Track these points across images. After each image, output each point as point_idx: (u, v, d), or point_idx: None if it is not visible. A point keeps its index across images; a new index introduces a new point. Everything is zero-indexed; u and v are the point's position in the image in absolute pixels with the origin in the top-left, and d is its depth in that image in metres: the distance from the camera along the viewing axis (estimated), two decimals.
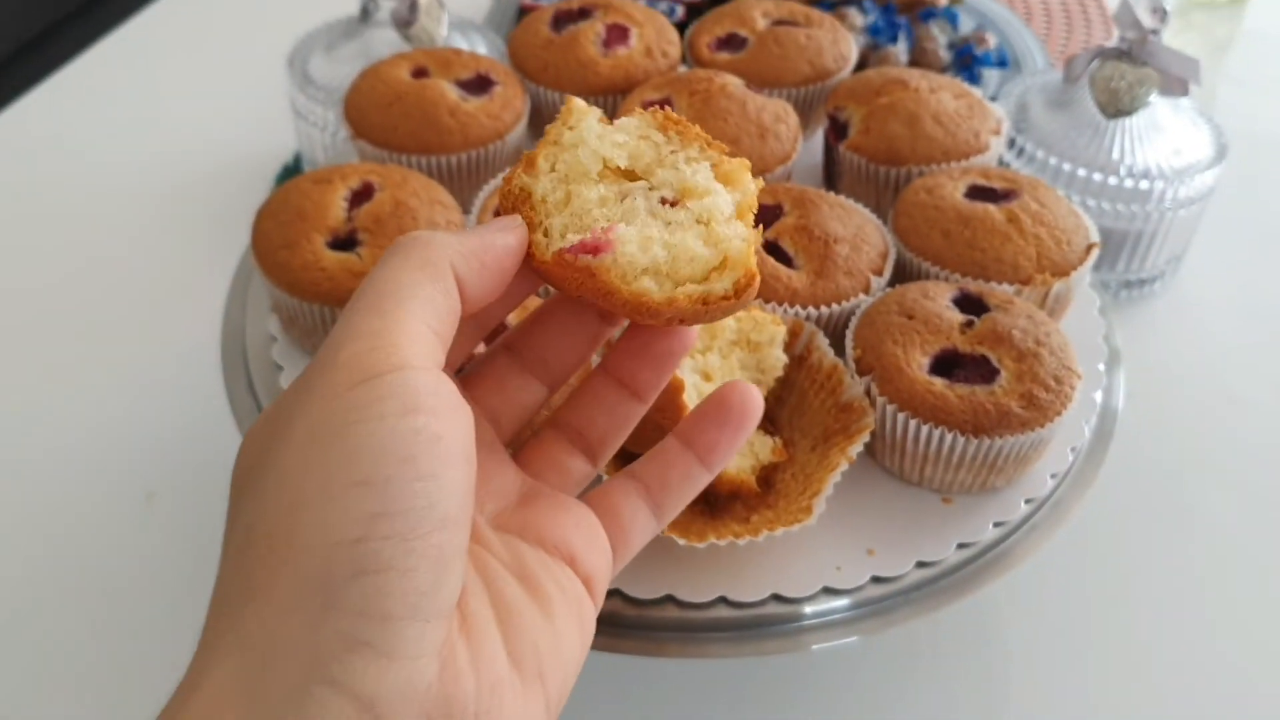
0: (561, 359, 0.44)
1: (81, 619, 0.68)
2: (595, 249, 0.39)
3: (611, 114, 0.83)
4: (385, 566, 0.31)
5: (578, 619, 0.38)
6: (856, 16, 1.06)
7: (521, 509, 0.41)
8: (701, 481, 0.43)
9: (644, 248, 0.40)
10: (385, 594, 0.31)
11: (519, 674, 0.35)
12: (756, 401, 0.43)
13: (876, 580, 0.59)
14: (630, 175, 0.42)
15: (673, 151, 0.42)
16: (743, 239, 0.40)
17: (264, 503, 0.33)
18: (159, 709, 0.32)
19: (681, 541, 0.57)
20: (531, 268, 0.41)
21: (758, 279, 0.40)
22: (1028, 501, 0.63)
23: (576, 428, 0.44)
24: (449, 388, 0.34)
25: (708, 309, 0.40)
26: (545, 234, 0.41)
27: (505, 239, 0.39)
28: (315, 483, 0.32)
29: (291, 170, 1.02)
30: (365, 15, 0.97)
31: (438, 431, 0.32)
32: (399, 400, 0.32)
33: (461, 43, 0.95)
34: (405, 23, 0.92)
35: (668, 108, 0.44)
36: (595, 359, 0.54)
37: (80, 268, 0.94)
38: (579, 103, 0.42)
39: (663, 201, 0.41)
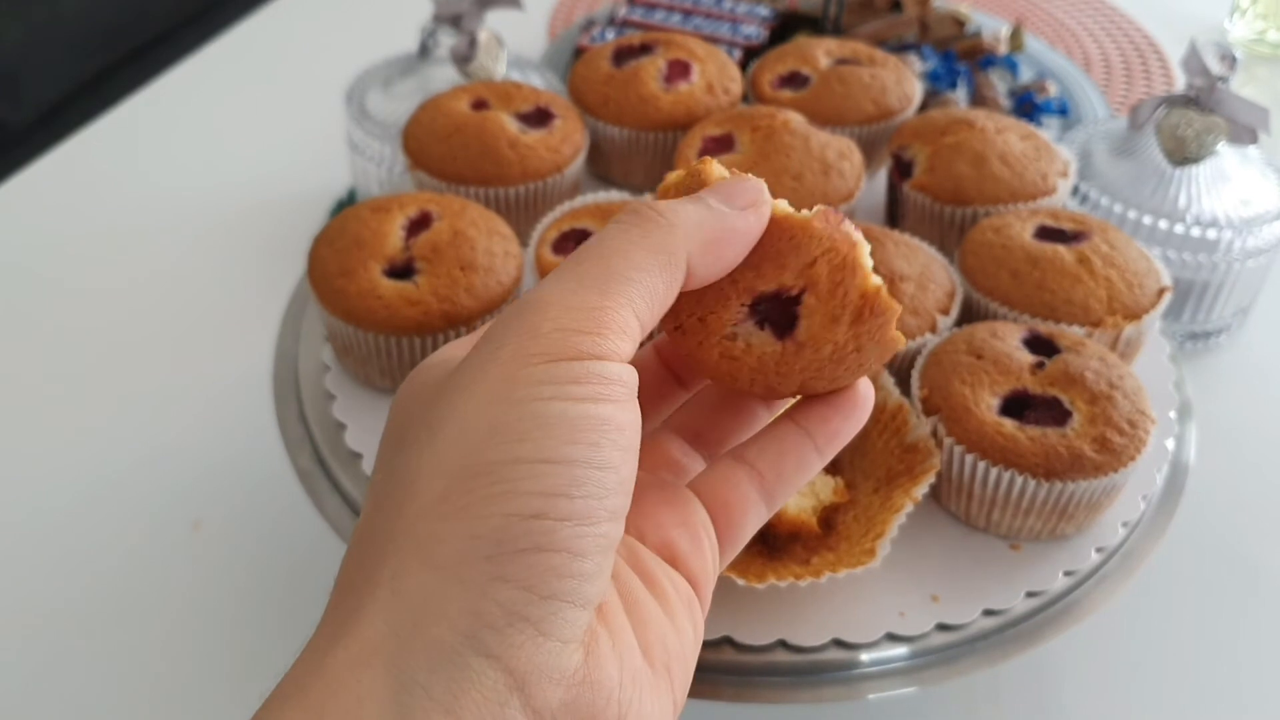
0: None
1: (127, 645, 0.66)
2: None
3: (671, 148, 0.83)
4: (559, 547, 0.30)
5: (690, 620, 0.37)
6: (916, 63, 1.05)
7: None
8: (815, 469, 0.41)
9: None
10: (555, 574, 0.30)
11: (651, 668, 0.34)
12: (871, 393, 0.41)
13: (942, 628, 0.57)
14: None
15: None
16: None
17: (436, 459, 0.32)
18: None
19: (740, 582, 0.55)
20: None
21: None
22: (1099, 550, 0.60)
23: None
24: (634, 380, 0.34)
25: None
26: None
27: (747, 222, 0.37)
28: (498, 451, 0.31)
29: (346, 204, 1.02)
30: (424, 52, 0.97)
31: (621, 423, 0.32)
32: (594, 387, 0.32)
33: (519, 80, 0.95)
34: (464, 59, 0.92)
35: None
36: None
37: (135, 297, 0.94)
38: None
39: None
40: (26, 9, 1.56)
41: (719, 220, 0.36)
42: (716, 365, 0.39)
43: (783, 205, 0.38)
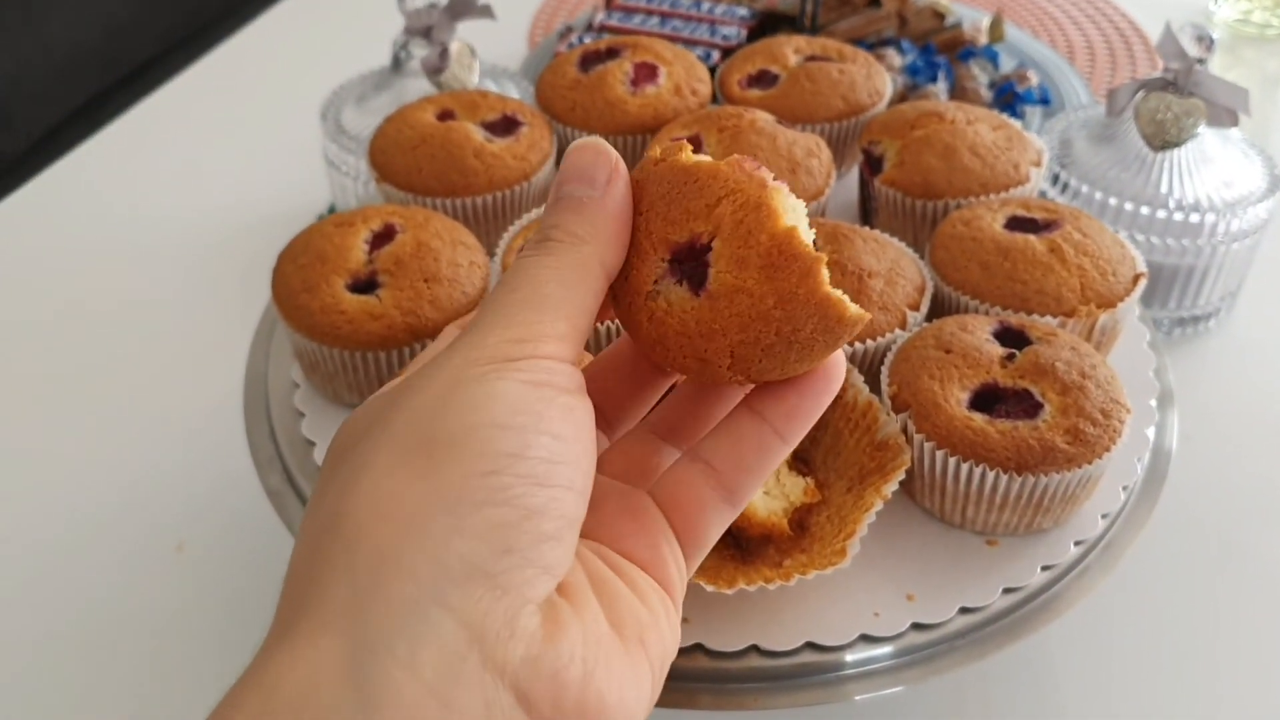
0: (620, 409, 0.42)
1: (115, 667, 0.66)
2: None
3: (639, 153, 0.82)
4: (515, 502, 0.31)
5: (662, 605, 0.36)
6: (895, 57, 1.04)
7: (589, 516, 0.37)
8: (780, 456, 0.38)
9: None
10: (512, 527, 0.31)
11: (621, 637, 0.34)
12: (842, 366, 0.38)
13: (917, 627, 0.56)
14: None
15: None
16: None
17: (391, 439, 0.33)
18: None
19: (709, 588, 0.54)
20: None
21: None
22: (1078, 543, 0.59)
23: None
24: (577, 378, 0.35)
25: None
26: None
27: (616, 201, 0.37)
28: (452, 421, 0.32)
29: None
30: (397, 65, 0.97)
31: (569, 403, 0.33)
32: (536, 374, 0.33)
33: (493, 89, 0.94)
34: (436, 70, 0.91)
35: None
36: None
37: (117, 320, 0.94)
38: None
39: None
40: (15, 40, 1.57)
41: (603, 214, 0.37)
42: (648, 333, 0.37)
43: (692, 154, 0.37)
